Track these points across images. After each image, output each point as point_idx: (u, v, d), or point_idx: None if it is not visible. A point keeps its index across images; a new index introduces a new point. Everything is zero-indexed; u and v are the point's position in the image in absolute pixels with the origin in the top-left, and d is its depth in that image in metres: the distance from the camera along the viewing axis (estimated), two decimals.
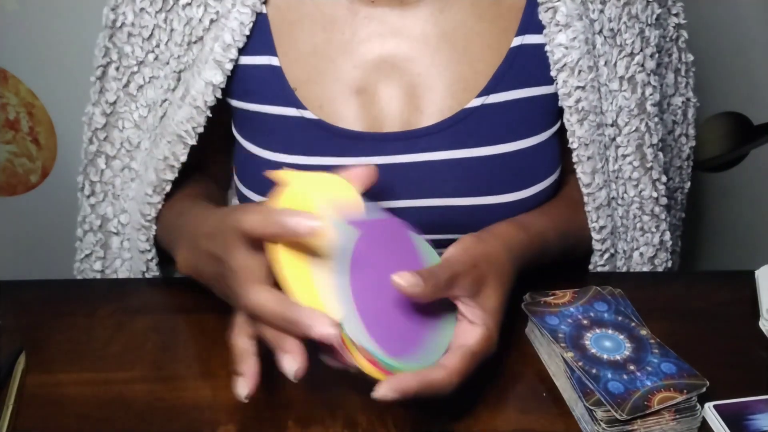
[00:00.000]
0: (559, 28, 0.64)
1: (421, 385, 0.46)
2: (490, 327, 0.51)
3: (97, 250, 0.76)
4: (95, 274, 0.77)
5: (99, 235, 0.75)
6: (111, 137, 0.72)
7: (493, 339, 0.51)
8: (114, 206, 0.74)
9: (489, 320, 0.51)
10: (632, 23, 0.67)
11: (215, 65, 0.64)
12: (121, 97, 0.71)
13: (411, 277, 0.47)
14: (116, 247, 0.75)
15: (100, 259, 0.76)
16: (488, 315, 0.52)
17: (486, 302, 0.52)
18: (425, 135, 0.64)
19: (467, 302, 0.51)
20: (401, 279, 0.47)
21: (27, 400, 0.55)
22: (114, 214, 0.74)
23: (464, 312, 0.51)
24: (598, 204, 0.69)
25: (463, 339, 0.51)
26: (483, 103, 0.64)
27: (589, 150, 0.67)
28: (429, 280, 0.48)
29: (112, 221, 0.74)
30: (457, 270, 0.50)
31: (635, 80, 0.68)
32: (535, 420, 0.54)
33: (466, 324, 0.51)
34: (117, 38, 0.69)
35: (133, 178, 0.73)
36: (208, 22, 0.65)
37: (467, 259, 0.52)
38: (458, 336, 0.51)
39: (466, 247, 0.54)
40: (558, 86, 0.65)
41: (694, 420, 0.52)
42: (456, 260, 0.51)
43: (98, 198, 0.74)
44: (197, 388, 0.56)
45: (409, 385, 0.46)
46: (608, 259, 0.72)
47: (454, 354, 0.49)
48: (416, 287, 0.47)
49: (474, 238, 0.55)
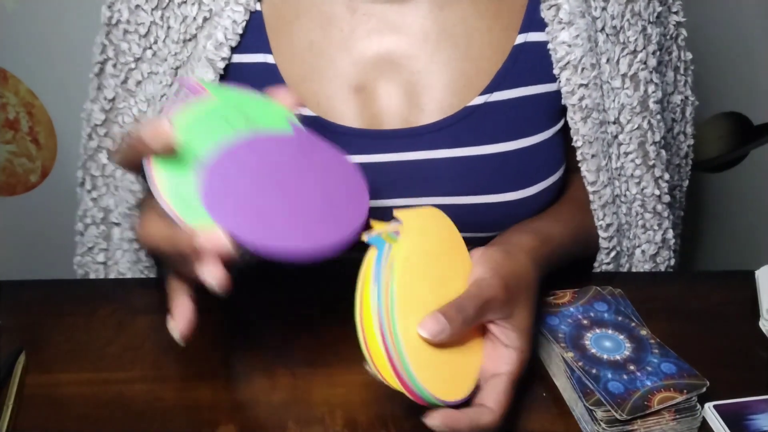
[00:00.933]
0: (561, 26, 0.64)
1: (470, 427, 0.47)
2: (525, 349, 0.51)
3: (100, 242, 0.76)
4: (98, 267, 0.77)
5: (102, 227, 0.75)
6: (111, 133, 0.72)
7: (527, 360, 0.51)
8: (115, 198, 0.74)
9: (523, 342, 0.51)
10: (635, 20, 0.67)
11: (207, 63, 0.64)
12: (119, 93, 0.71)
13: (433, 325, 0.46)
14: (117, 238, 0.76)
15: (104, 251, 0.76)
16: (522, 336, 0.51)
17: (519, 323, 0.51)
18: (427, 133, 0.64)
19: (500, 324, 0.51)
20: (424, 330, 0.46)
21: (27, 400, 0.55)
22: (115, 205, 0.74)
23: (497, 334, 0.51)
24: (603, 202, 0.69)
25: (500, 365, 0.50)
26: (486, 101, 0.64)
27: (593, 148, 0.67)
28: (455, 318, 0.47)
29: (114, 212, 0.75)
30: (488, 296, 0.49)
31: (638, 78, 0.68)
32: (535, 420, 0.54)
33: (500, 347, 0.51)
34: (113, 35, 0.69)
35: None
36: (202, 20, 0.65)
37: (498, 281, 0.51)
38: (493, 361, 0.51)
39: (495, 267, 0.52)
40: (561, 84, 0.65)
41: (694, 420, 0.52)
42: (486, 284, 0.50)
43: (100, 191, 0.74)
44: (197, 388, 0.56)
45: (460, 425, 0.47)
46: (614, 258, 0.72)
47: (496, 390, 0.49)
48: (442, 333, 0.46)
49: (502, 254, 0.54)
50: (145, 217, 0.48)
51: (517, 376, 0.50)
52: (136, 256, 0.73)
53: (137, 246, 0.72)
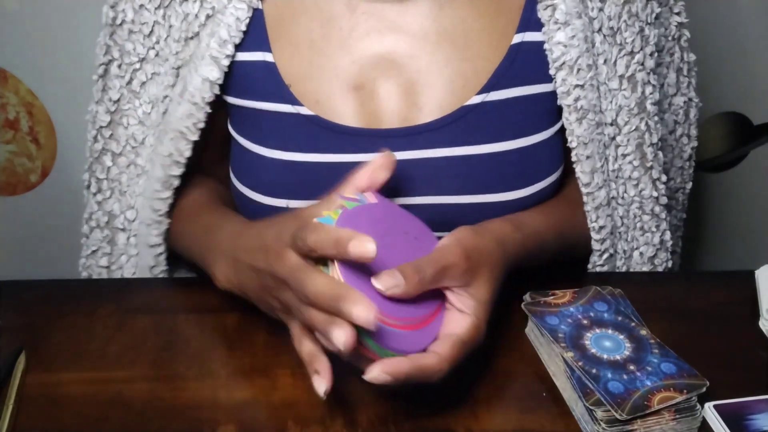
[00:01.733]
0: (558, 26, 0.64)
1: (413, 369, 0.47)
2: (480, 317, 0.52)
3: (104, 246, 0.76)
4: (101, 270, 0.77)
5: (106, 231, 0.75)
6: (116, 134, 0.72)
7: (482, 329, 0.52)
8: (120, 203, 0.74)
9: (479, 310, 0.52)
10: (632, 22, 0.67)
11: (212, 61, 0.64)
12: (124, 94, 0.71)
13: (389, 279, 0.48)
14: (122, 244, 0.75)
15: (107, 255, 0.76)
16: (479, 305, 0.52)
17: (476, 292, 0.52)
18: (425, 131, 0.64)
19: (457, 291, 0.52)
20: (378, 282, 0.48)
21: (27, 400, 0.55)
22: (120, 210, 0.74)
23: (453, 301, 0.52)
24: (597, 204, 0.69)
25: (453, 327, 0.51)
26: (483, 100, 0.64)
27: (588, 149, 0.67)
28: (413, 276, 0.48)
29: (119, 218, 0.75)
30: (447, 261, 0.51)
31: (635, 79, 0.68)
32: (535, 420, 0.54)
33: (455, 313, 0.52)
34: (118, 36, 0.69)
35: (139, 174, 0.73)
36: (204, 18, 0.65)
37: (460, 250, 0.52)
38: (447, 324, 0.52)
39: (460, 238, 0.54)
40: (557, 84, 0.65)
41: (694, 420, 0.52)
42: (448, 251, 0.52)
43: (105, 195, 0.74)
44: (197, 387, 0.56)
45: (401, 369, 0.47)
46: (607, 259, 0.71)
47: (444, 342, 0.50)
48: (397, 288, 0.48)
49: (469, 230, 0.55)
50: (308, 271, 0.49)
51: (470, 340, 0.51)
52: (155, 261, 0.73)
53: (161, 251, 0.72)
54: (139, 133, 0.72)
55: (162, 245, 0.72)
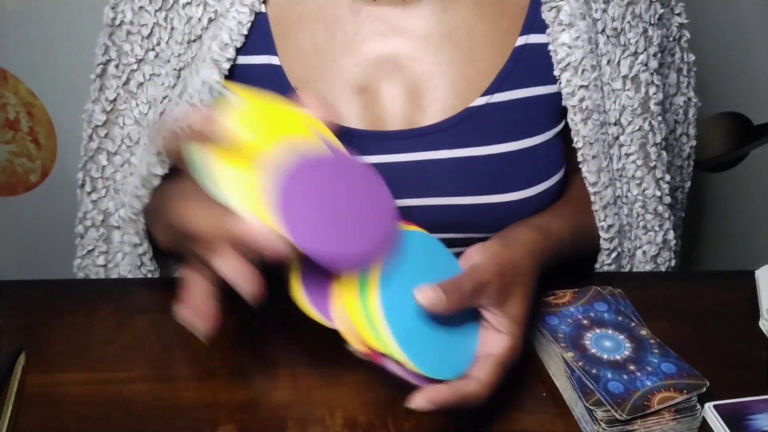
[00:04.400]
0: (562, 28, 0.64)
1: (456, 398, 0.47)
2: (517, 336, 0.51)
3: (100, 245, 0.76)
4: (98, 269, 0.77)
5: (101, 230, 0.75)
6: (112, 134, 0.72)
7: (519, 348, 0.51)
8: (115, 200, 0.74)
9: (515, 329, 0.51)
10: (636, 22, 0.67)
11: (213, 64, 0.64)
12: (120, 94, 0.71)
13: (432, 293, 0.47)
14: (117, 241, 0.75)
15: (103, 253, 0.76)
16: (514, 323, 0.51)
17: (512, 310, 0.52)
18: (428, 134, 0.64)
19: (493, 311, 0.51)
20: (421, 296, 0.47)
21: (27, 400, 0.55)
22: (115, 208, 0.74)
23: (491, 320, 0.51)
24: (605, 203, 0.69)
25: (490, 348, 0.50)
26: (487, 102, 0.64)
27: (593, 149, 0.67)
28: (453, 293, 0.48)
29: (114, 215, 0.75)
30: (483, 279, 0.50)
31: (639, 79, 0.68)
32: (535, 420, 0.54)
33: (492, 333, 0.51)
34: (116, 36, 0.69)
35: (132, 172, 0.73)
36: (207, 21, 0.65)
37: (494, 267, 0.52)
38: (484, 345, 0.51)
39: (492, 255, 0.53)
40: (561, 85, 0.65)
41: (694, 420, 0.52)
42: (482, 269, 0.51)
43: (100, 194, 0.74)
44: (197, 388, 0.56)
45: (445, 398, 0.47)
46: (615, 258, 0.72)
47: (485, 365, 0.49)
48: (439, 303, 0.47)
49: (500, 245, 0.55)
50: (183, 203, 0.48)
51: (508, 361, 0.50)
52: (140, 260, 0.73)
53: (142, 251, 0.72)
54: (134, 133, 0.72)
55: (142, 245, 0.71)
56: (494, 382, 0.49)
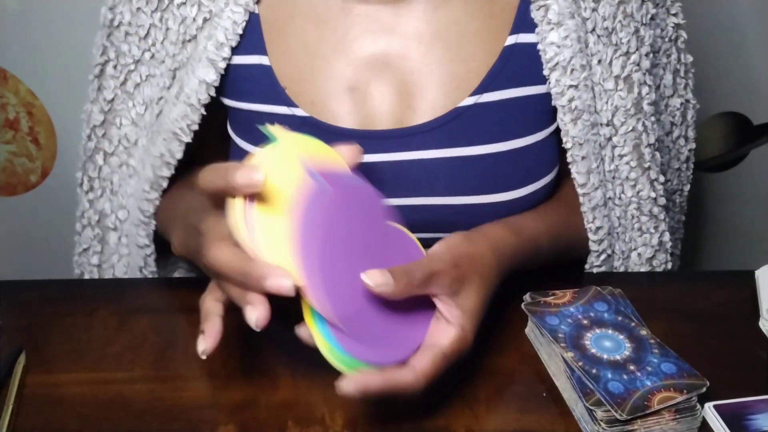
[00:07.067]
0: (551, 27, 0.64)
1: (386, 386, 0.47)
2: (466, 328, 0.51)
3: (95, 245, 0.76)
4: (92, 269, 0.77)
5: (97, 230, 0.76)
6: (109, 134, 0.73)
7: (468, 341, 0.51)
8: (112, 202, 0.75)
9: (466, 321, 0.51)
10: (627, 22, 0.67)
11: (208, 64, 0.65)
12: (118, 95, 0.71)
13: (379, 276, 0.47)
14: (114, 243, 0.76)
15: (97, 253, 0.76)
16: (466, 315, 0.51)
17: (465, 302, 0.52)
18: (418, 133, 0.64)
19: (445, 300, 0.51)
20: (368, 278, 0.47)
21: (27, 400, 0.55)
22: (112, 210, 0.75)
23: (442, 311, 0.51)
24: (594, 204, 0.69)
25: (437, 338, 0.50)
26: (476, 101, 0.64)
27: (583, 150, 0.67)
28: (401, 278, 0.48)
29: (110, 217, 0.75)
30: (436, 268, 0.50)
31: (631, 79, 0.68)
32: (535, 420, 0.54)
33: (442, 323, 0.51)
34: (114, 37, 0.69)
35: (131, 174, 0.73)
36: (202, 21, 0.65)
37: (449, 257, 0.52)
38: (432, 334, 0.51)
39: (451, 246, 0.54)
40: (551, 85, 0.65)
41: (694, 420, 0.52)
42: (437, 258, 0.52)
43: (96, 194, 0.75)
44: (197, 388, 0.56)
45: (374, 385, 0.46)
46: (605, 260, 0.71)
47: (424, 355, 0.49)
48: (385, 286, 0.47)
49: (461, 237, 0.55)
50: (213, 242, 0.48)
51: (452, 353, 0.50)
52: (144, 261, 0.73)
53: (149, 252, 0.72)
54: (132, 134, 0.72)
55: (150, 246, 0.72)
56: (432, 373, 0.48)
